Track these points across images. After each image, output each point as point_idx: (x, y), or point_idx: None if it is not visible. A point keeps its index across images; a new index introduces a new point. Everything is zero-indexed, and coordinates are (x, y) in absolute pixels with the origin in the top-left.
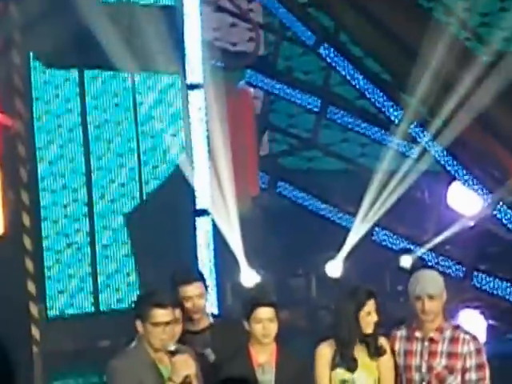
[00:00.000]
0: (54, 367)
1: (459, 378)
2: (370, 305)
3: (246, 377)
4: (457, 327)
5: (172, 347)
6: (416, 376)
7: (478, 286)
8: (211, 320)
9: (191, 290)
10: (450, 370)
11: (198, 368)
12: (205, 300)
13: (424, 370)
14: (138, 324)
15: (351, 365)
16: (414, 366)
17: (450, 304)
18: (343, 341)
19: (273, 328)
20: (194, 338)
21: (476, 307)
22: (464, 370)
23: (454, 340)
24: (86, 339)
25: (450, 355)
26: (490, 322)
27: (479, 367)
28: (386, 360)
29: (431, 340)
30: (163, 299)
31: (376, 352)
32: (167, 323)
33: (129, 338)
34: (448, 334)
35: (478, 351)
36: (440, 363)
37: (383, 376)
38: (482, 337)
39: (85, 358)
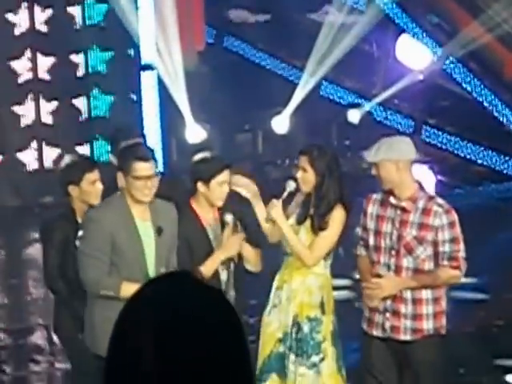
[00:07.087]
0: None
1: (429, 249)
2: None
3: (199, 235)
4: (431, 198)
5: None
6: (385, 243)
7: (428, 140)
8: None
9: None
10: (420, 241)
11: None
12: None
13: (394, 237)
14: (120, 176)
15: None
16: (385, 232)
17: None
18: None
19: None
20: None
21: (425, 162)
22: (436, 243)
23: (426, 211)
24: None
25: (421, 226)
26: (439, 177)
27: (452, 240)
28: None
29: (403, 209)
30: (146, 153)
31: (317, 227)
32: (149, 177)
33: None
34: (421, 204)
35: (451, 224)
36: (410, 233)
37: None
38: (431, 191)
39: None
